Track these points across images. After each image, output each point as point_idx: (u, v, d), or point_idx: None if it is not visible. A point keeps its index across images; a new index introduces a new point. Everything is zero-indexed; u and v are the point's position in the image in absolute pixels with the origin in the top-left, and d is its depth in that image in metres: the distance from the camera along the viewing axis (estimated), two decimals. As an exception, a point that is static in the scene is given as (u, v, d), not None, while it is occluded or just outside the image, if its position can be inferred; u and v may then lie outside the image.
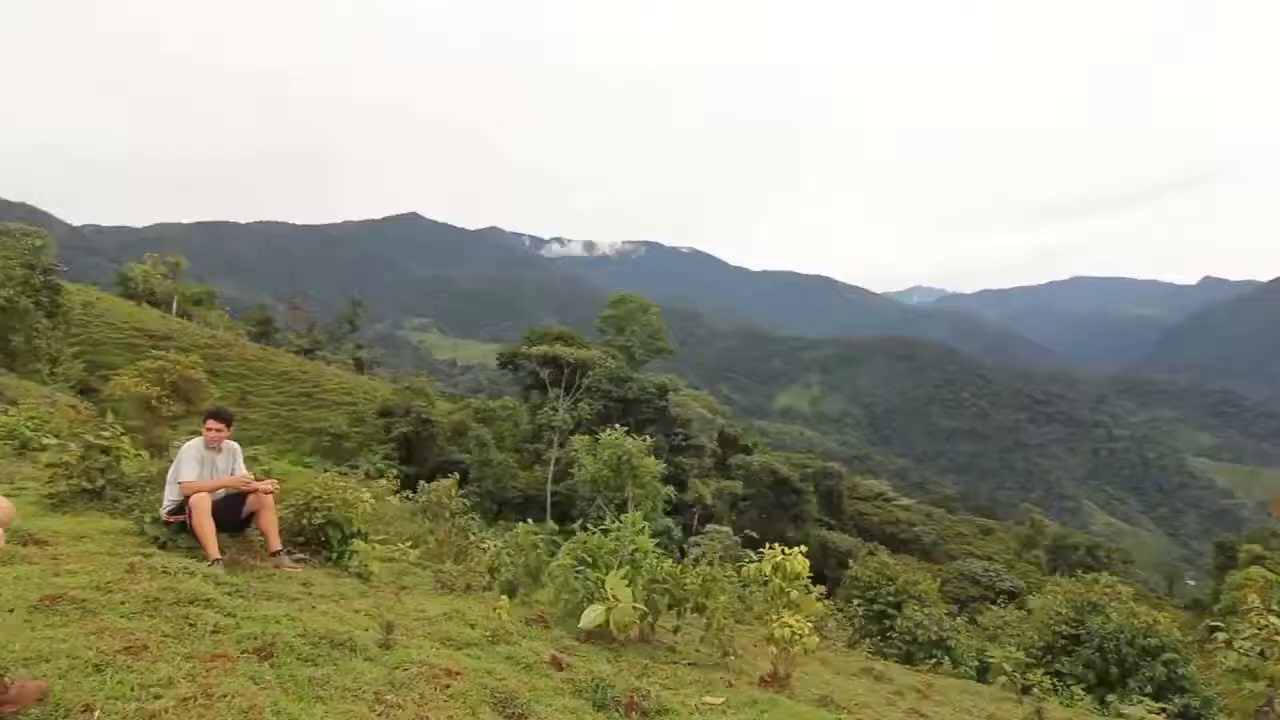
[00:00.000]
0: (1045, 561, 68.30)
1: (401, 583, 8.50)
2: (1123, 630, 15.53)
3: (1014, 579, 52.34)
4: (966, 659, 16.82)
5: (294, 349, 78.96)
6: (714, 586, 7.75)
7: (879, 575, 18.77)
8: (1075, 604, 16.71)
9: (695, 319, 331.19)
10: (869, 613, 18.17)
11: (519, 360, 63.37)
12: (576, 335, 66.99)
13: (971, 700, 10.48)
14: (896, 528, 71.28)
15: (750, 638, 9.72)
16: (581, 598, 7.23)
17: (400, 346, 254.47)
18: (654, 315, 70.66)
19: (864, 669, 10.94)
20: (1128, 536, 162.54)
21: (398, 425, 52.36)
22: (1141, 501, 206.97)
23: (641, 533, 7.85)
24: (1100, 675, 15.51)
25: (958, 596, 42.83)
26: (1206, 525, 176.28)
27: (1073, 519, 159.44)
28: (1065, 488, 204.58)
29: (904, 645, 16.65)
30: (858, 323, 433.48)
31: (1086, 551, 72.05)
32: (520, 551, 9.07)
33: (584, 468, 17.43)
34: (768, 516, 60.18)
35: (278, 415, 56.47)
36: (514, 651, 5.79)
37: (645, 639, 7.74)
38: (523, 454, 58.24)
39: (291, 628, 5.10)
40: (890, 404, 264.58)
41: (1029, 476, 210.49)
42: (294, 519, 8.39)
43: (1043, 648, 16.45)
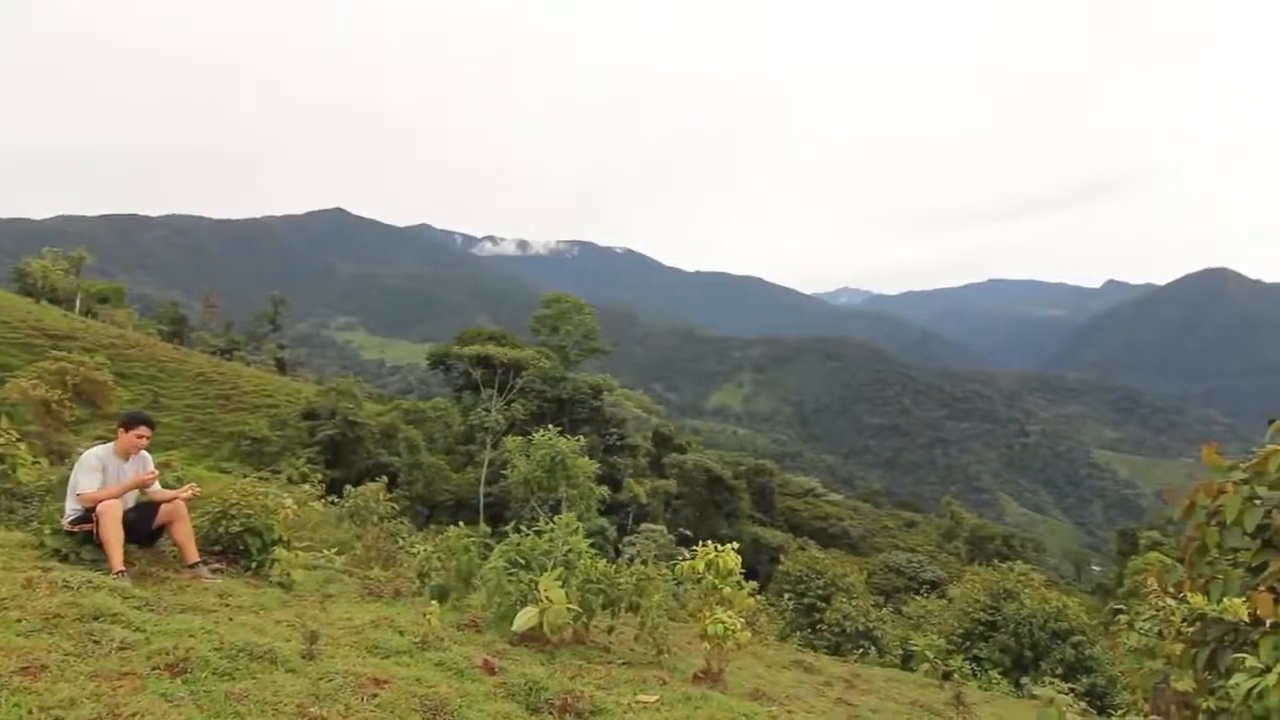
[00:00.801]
0: (965, 552, 71.29)
1: (326, 591, 8.23)
2: (1035, 616, 16.40)
3: (936, 569, 54.45)
4: (892, 648, 17.44)
5: (210, 349, 75.46)
6: (648, 585, 7.78)
7: (809, 569, 19.26)
8: (992, 592, 17.54)
9: (630, 319, 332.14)
10: (799, 606, 18.61)
11: (450, 361, 62.24)
12: (510, 335, 66.26)
13: (896, 688, 10.84)
14: (826, 523, 73.14)
15: (685, 635, 9.80)
16: (515, 600, 7.14)
17: (325, 347, 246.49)
18: (588, 315, 70.52)
19: (794, 661, 11.18)
20: (1040, 526, 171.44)
21: (323, 428, 50.69)
22: (1052, 493, 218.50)
23: (575, 533, 7.82)
24: (1015, 659, 16.31)
25: (884, 588, 44.24)
26: (1110, 514, 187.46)
27: (989, 510, 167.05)
28: (983, 481, 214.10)
29: (833, 637, 17.13)
30: (788, 323, 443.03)
31: (1002, 541, 75.60)
32: (451, 555, 8.90)
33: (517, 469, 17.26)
34: (702, 514, 60.86)
35: (192, 419, 53.87)
36: (445, 657, 5.68)
37: (580, 640, 7.71)
38: (455, 456, 57.22)
39: (207, 641, 4.87)
40: (819, 402, 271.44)
41: (949, 471, 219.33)
42: (210, 527, 8.02)
43: (962, 634, 17.20)
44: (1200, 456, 5.05)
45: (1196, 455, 5.10)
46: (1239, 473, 4.69)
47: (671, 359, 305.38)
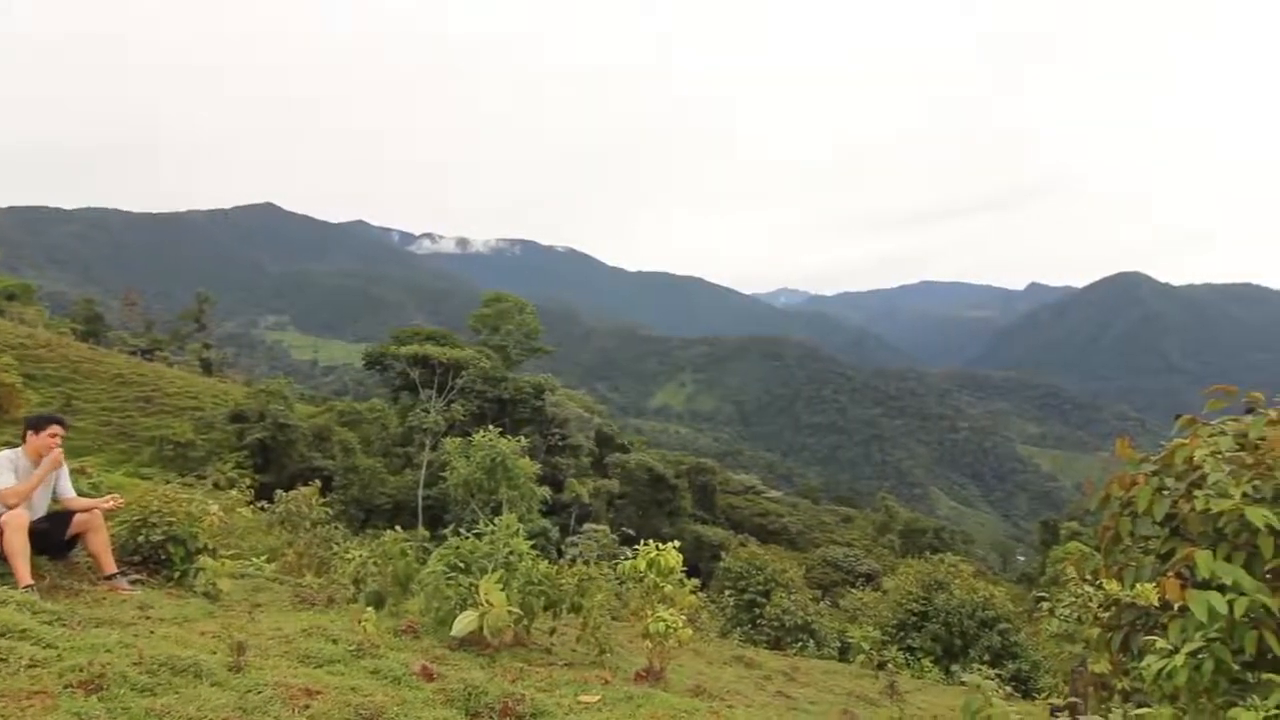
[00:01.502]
0: (899, 545, 73.45)
1: (255, 600, 7.93)
2: (964, 605, 17.04)
3: (871, 563, 55.97)
4: (829, 640, 17.86)
5: (129, 349, 71.88)
6: (590, 586, 7.76)
7: (749, 566, 19.55)
8: (924, 583, 18.15)
9: (572, 318, 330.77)
10: (740, 602, 18.87)
11: (387, 361, 60.81)
12: (449, 335, 65.12)
13: (834, 679, 11.09)
14: (766, 519, 74.29)
15: (627, 634, 9.81)
16: (454, 604, 7.02)
17: (254, 347, 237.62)
18: (530, 314, 69.92)
19: (735, 657, 11.32)
20: (968, 519, 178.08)
21: (252, 431, 48.87)
22: (979, 486, 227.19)
23: (516, 535, 7.74)
24: (946, 647, 16.92)
25: (822, 582, 45.22)
26: (1034, 506, 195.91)
27: (922, 504, 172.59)
28: (915, 476, 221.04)
29: (772, 631, 17.43)
30: (729, 323, 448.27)
31: (934, 534, 78.24)
32: (388, 560, 8.69)
33: (456, 471, 16.96)
34: (644, 513, 61.06)
35: (110, 423, 51.18)
36: (381, 665, 5.54)
37: (521, 642, 7.63)
38: (392, 458, 55.95)
39: (125, 656, 4.63)
40: (759, 401, 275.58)
41: (884, 466, 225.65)
42: (129, 536, 7.63)
43: (896, 625, 17.75)
44: (1114, 450, 5.32)
45: (1111, 449, 5.37)
46: (1149, 465, 4.95)
47: (614, 359, 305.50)
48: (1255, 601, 4.10)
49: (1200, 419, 5.02)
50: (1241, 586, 4.15)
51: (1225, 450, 4.63)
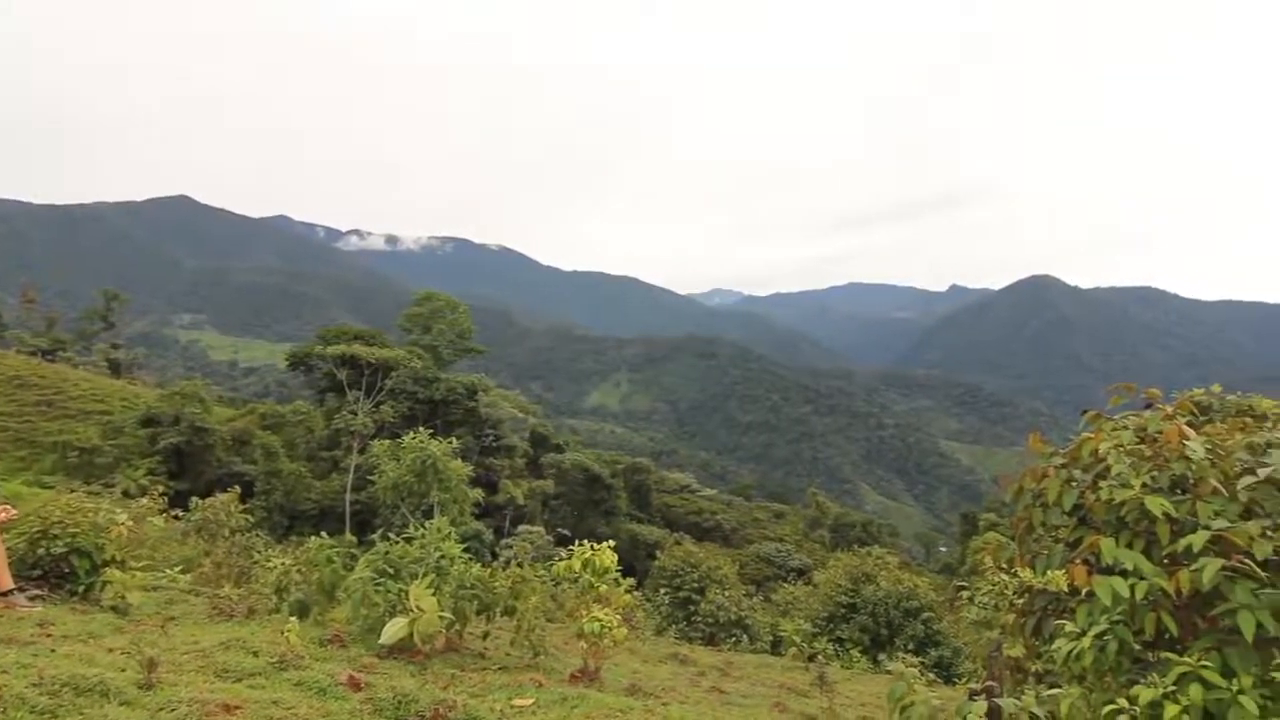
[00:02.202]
0: (829, 539, 75.38)
1: (168, 614, 7.55)
2: (890, 596, 17.62)
3: (802, 557, 57.24)
4: (762, 635, 18.18)
5: (28, 349, 67.33)
6: (524, 588, 7.68)
7: (684, 563, 19.72)
8: (852, 576, 18.68)
9: (506, 318, 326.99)
10: (675, 600, 19.02)
11: (312, 361, 58.78)
12: (378, 334, 63.37)
13: (766, 673, 11.29)
14: (700, 517, 75.06)
15: (562, 635, 9.75)
16: (383, 611, 6.84)
17: (168, 347, 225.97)
18: (462, 314, 68.71)
19: (670, 654, 11.40)
20: (894, 512, 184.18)
21: (165, 435, 46.48)
22: (904, 481, 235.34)
23: (448, 538, 7.59)
24: (873, 637, 17.45)
25: (755, 577, 45.98)
26: (955, 499, 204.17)
27: (851, 499, 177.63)
28: (844, 472, 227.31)
29: (707, 628, 17.63)
30: (664, 323, 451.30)
31: (862, 528, 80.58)
32: (313, 567, 8.39)
33: (385, 474, 16.51)
34: (580, 514, 60.83)
35: (7, 428, 47.86)
36: (305, 676, 5.35)
37: (453, 648, 7.49)
38: (318, 462, 54.10)
39: (23, 676, 4.33)
40: (694, 400, 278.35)
41: (814, 463, 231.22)
42: (28, 549, 7.15)
43: (826, 617, 18.21)
44: (1027, 445, 5.59)
45: (1025, 444, 5.64)
46: (1059, 458, 5.22)
47: (549, 358, 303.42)
48: (1154, 585, 4.37)
49: (1105, 414, 5.33)
50: (1142, 571, 4.41)
51: (1127, 443, 4.92)
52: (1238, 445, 4.81)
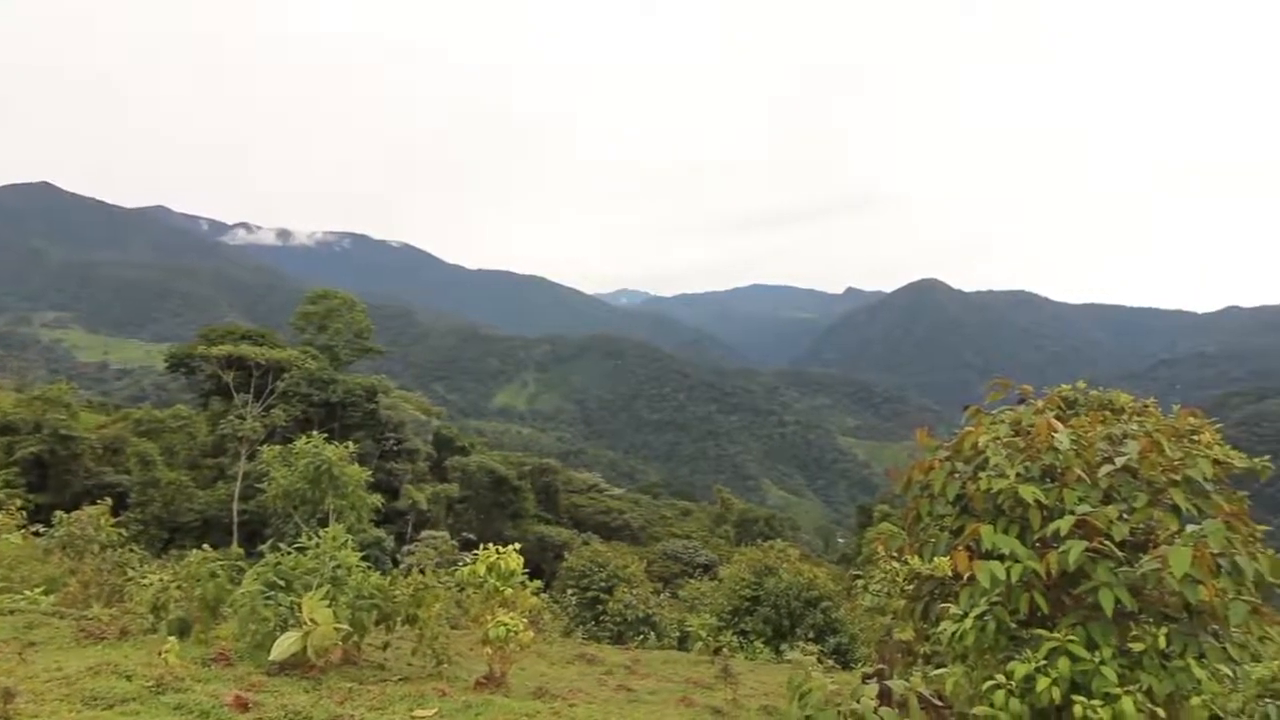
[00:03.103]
0: (734, 534, 77.16)
1: (28, 638, 6.89)
2: (791, 587, 18.19)
3: (709, 553, 58.35)
4: (669, 631, 18.40)
5: None
6: (427, 595, 7.47)
7: (592, 563, 19.70)
8: (756, 569, 19.18)
9: (408, 317, 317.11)
10: (583, 600, 18.98)
11: (195, 362, 55.13)
12: (268, 334, 60.10)
13: (673, 668, 11.43)
14: (608, 516, 75.22)
15: (467, 641, 9.55)
16: (273, 626, 6.49)
17: (27, 346, 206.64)
18: (360, 312, 66.12)
19: (578, 655, 11.36)
20: (795, 506, 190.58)
21: (24, 444, 42.49)
22: (805, 475, 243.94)
23: (345, 547, 7.29)
24: (776, 628, 17.97)
25: (663, 575, 46.48)
26: (852, 492, 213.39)
27: (754, 495, 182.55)
28: (748, 468, 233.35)
29: (615, 626, 17.68)
30: (571, 323, 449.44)
31: (765, 523, 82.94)
32: (195, 583, 7.87)
33: (275, 481, 15.66)
34: (486, 517, 59.76)
35: None
36: (185, 699, 5.00)
37: (351, 661, 7.20)
38: (201, 471, 50.79)
39: None
40: (602, 400, 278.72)
41: (720, 460, 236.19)
42: None
43: (731, 611, 18.63)
44: (915, 440, 5.90)
45: (914, 438, 5.95)
46: (943, 451, 5.54)
47: (454, 359, 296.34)
48: (1027, 567, 4.70)
49: (984, 410, 5.69)
50: (1017, 555, 4.74)
51: (1003, 436, 5.27)
52: (1099, 436, 5.24)
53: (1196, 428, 5.45)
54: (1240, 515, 4.87)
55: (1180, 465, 4.90)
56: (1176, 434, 5.21)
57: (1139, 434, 5.06)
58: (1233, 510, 4.85)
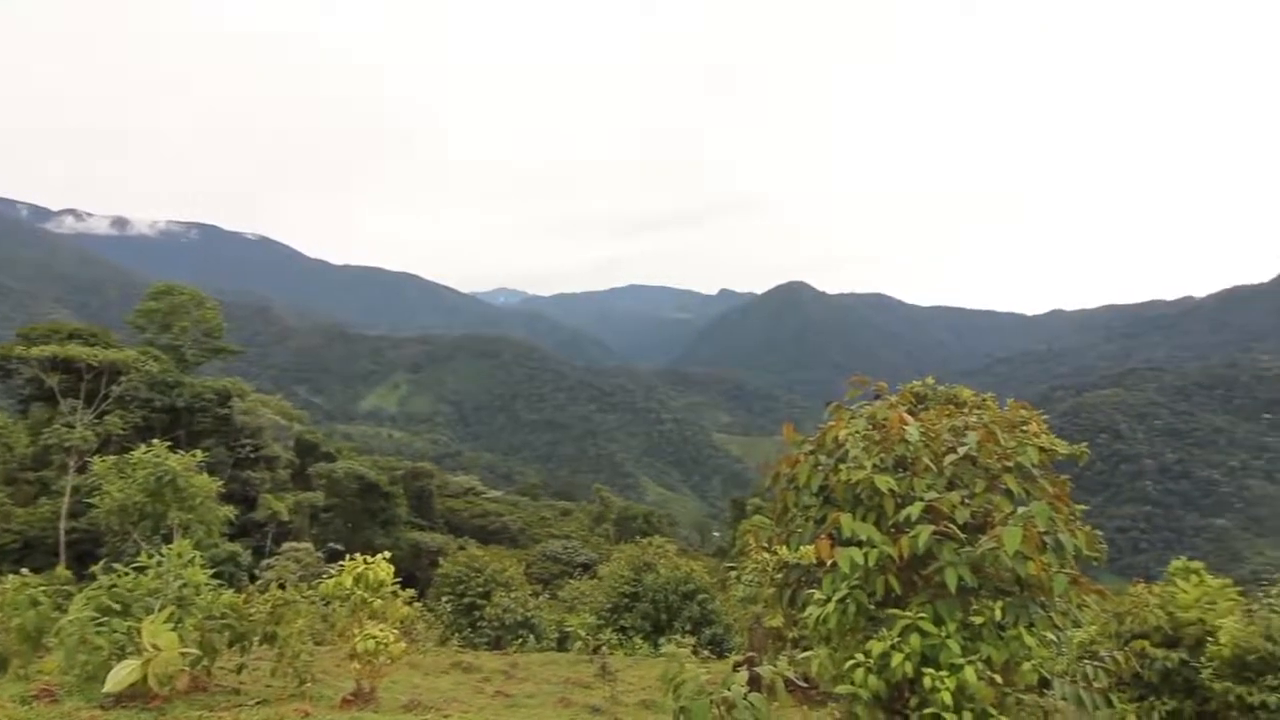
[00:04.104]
0: (613, 533, 77.73)
1: None
2: (669, 582, 18.55)
3: (589, 552, 58.43)
4: (548, 632, 18.28)
5: None
6: (287, 611, 7.03)
7: (468, 569, 19.24)
8: (634, 566, 19.41)
9: (266, 315, 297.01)
10: (459, 606, 18.50)
11: (12, 364, 48.98)
12: (102, 333, 54.36)
13: (552, 669, 11.36)
14: (486, 520, 73.77)
15: (334, 658, 9.07)
16: (107, 655, 5.89)
17: None
18: (211, 310, 61.16)
19: (454, 663, 11.07)
20: (673, 503, 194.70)
21: None
22: (681, 472, 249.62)
23: (192, 564, 6.72)
24: (654, 623, 18.27)
25: (542, 576, 46.09)
26: (726, 487, 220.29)
27: (633, 493, 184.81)
28: (627, 467, 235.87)
29: (493, 632, 17.36)
30: (446, 322, 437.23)
31: (644, 520, 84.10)
32: (12, 611, 7.00)
33: (108, 495, 14.19)
34: (355, 525, 57.03)
35: None
36: (-2, 744, 4.44)
37: (200, 687, 6.65)
38: (20, 486, 45.24)
39: None
40: (478, 401, 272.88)
41: (599, 459, 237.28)
42: None
43: (610, 609, 18.75)
44: (783, 435, 6.17)
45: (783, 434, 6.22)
46: (808, 445, 5.83)
47: (318, 359, 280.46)
48: (882, 552, 5.03)
49: (844, 405, 6.04)
50: (873, 540, 5.06)
51: (861, 430, 5.61)
52: (944, 428, 5.69)
53: (1026, 419, 6.02)
54: (1062, 497, 5.43)
55: (1012, 453, 5.40)
56: (1009, 425, 5.74)
57: (978, 425, 5.53)
58: (1056, 492, 5.41)
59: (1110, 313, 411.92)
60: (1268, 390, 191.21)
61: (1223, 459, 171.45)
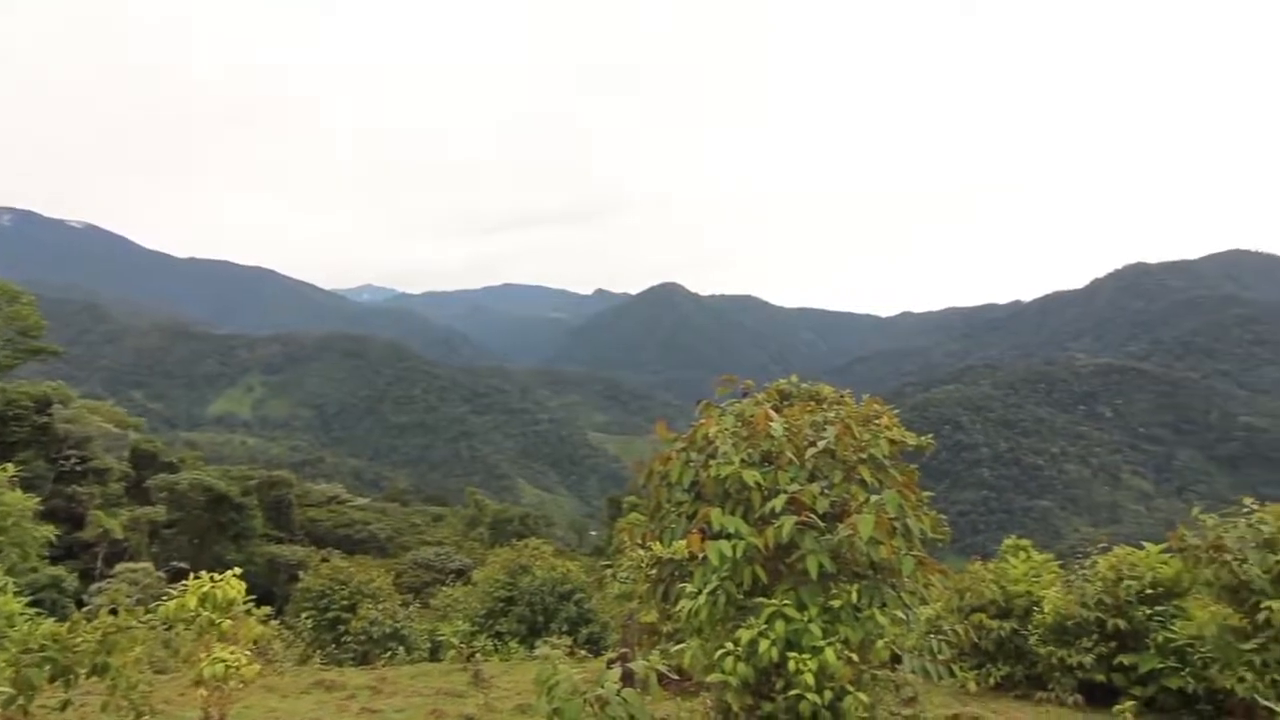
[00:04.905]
0: (488, 537, 76.09)
1: None
2: (545, 583, 18.42)
3: (462, 558, 56.91)
4: (420, 643, 17.67)
5: None
6: (120, 639, 6.37)
7: (331, 581, 18.27)
8: (510, 569, 19.14)
9: (95, 312, 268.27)
10: (321, 622, 17.52)
11: None
12: (-114, 332, 47.23)
13: (423, 681, 10.99)
14: (352, 529, 70.28)
15: (178, 685, 8.34)
16: (-108, 703, 5.11)
17: None
18: (26, 305, 54.44)
19: (315, 682, 10.47)
20: (549, 503, 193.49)
21: None
22: (558, 472, 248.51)
23: (3, 592, 5.96)
24: (530, 626, 18.08)
25: (413, 585, 44.48)
26: (603, 486, 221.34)
27: (509, 495, 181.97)
28: (503, 469, 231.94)
29: (359, 646, 16.57)
30: (306, 320, 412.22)
31: (519, 522, 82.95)
32: None
33: (-106, 519, 12.31)
34: (202, 541, 52.66)
35: None
36: None
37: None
38: None
39: None
40: (342, 403, 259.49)
41: (473, 462, 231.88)
42: None
43: (485, 614, 18.39)
44: (656, 433, 6.28)
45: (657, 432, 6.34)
46: (680, 443, 5.97)
47: (157, 361, 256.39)
48: (750, 543, 5.23)
49: (714, 403, 6.23)
50: (741, 533, 5.26)
51: (730, 427, 5.81)
52: (806, 424, 5.99)
53: (879, 413, 6.45)
54: (910, 485, 5.87)
55: (867, 445, 5.77)
56: (864, 419, 6.13)
57: (836, 421, 5.87)
58: (905, 481, 5.83)
59: (952, 315, 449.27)
60: (1082, 384, 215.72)
61: (1045, 446, 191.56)
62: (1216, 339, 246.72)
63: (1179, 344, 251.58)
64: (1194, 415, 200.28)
